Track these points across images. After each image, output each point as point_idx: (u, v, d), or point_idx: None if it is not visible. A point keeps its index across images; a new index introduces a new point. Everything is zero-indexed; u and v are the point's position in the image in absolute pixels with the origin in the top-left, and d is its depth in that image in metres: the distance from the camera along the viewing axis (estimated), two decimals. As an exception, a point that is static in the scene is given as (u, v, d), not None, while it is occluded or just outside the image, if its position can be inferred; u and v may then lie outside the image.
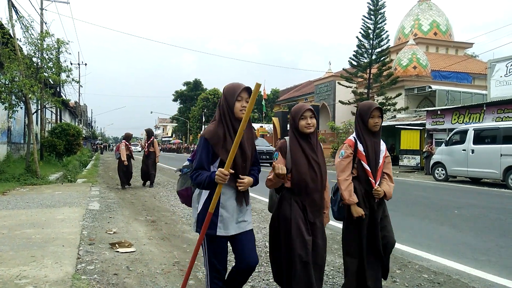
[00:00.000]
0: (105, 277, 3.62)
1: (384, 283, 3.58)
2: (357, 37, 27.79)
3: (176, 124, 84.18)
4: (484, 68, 27.27)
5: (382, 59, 27.21)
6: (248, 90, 2.46)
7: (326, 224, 2.93)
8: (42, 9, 19.13)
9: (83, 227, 5.60)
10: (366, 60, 27.71)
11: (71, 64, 25.21)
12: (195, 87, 74.57)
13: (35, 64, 12.78)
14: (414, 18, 35.57)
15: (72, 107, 40.39)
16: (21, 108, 13.29)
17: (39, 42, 12.60)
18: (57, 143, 18.12)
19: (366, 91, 27.86)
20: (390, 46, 29.27)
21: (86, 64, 38.72)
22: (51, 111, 25.40)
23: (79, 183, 12.12)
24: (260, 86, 2.11)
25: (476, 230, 5.93)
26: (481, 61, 35.15)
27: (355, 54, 28.16)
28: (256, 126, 45.14)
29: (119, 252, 4.43)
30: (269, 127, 42.16)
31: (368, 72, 27.54)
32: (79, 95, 42.22)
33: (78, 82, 16.44)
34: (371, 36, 27.21)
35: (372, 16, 27.06)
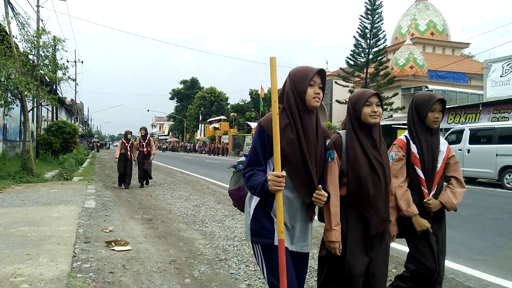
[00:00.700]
0: (101, 275, 3.61)
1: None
2: (354, 36, 27.88)
3: (173, 123, 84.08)
4: (480, 68, 27.39)
5: (379, 58, 27.28)
6: (321, 74, 2.05)
7: (395, 235, 2.57)
8: (38, 6, 19.01)
9: (79, 225, 5.58)
10: (363, 60, 27.79)
11: (68, 61, 25.00)
12: (192, 85, 74.49)
13: (31, 62, 12.70)
14: (411, 18, 35.68)
15: (69, 105, 40.25)
16: (17, 105, 13.23)
17: (36, 39, 12.52)
18: (53, 141, 18.03)
19: (363, 90, 27.87)
20: (387, 45, 29.38)
21: (82, 62, 38.81)
22: (47, 109, 25.29)
23: (75, 181, 12.08)
24: (275, 60, 1.85)
25: (471, 230, 5.96)
26: (477, 61, 35.31)
27: (352, 53, 28.22)
28: (253, 125, 45.18)
29: (115, 250, 4.42)
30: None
31: (365, 71, 27.61)
32: (76, 93, 42.12)
33: (75, 80, 16.33)
34: (368, 35, 27.28)
35: (369, 16, 27.13)
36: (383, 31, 27.35)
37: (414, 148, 2.64)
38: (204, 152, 52.07)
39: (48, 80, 14.27)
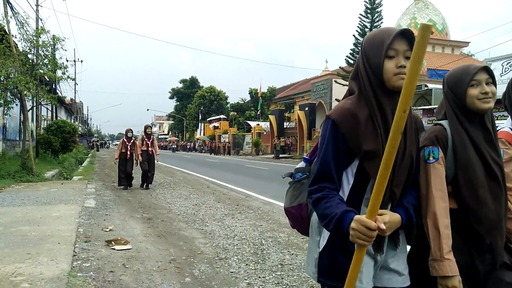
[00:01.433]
0: (101, 274, 3.62)
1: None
2: (354, 35, 27.86)
3: (173, 122, 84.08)
4: (480, 67, 27.36)
5: (378, 57, 27.29)
6: (407, 35, 1.39)
7: None
8: (37, 5, 18.98)
9: (79, 225, 5.58)
10: (363, 59, 27.78)
11: (67, 61, 24.95)
12: (191, 84, 74.45)
13: (30, 61, 12.69)
14: (411, 16, 35.66)
15: (68, 104, 40.21)
16: (16, 105, 13.23)
17: (35, 38, 12.51)
18: (52, 140, 18.01)
19: (362, 89, 27.93)
20: (386, 44, 29.34)
21: (82, 61, 38.66)
22: (47, 108, 25.27)
23: (75, 180, 12.08)
24: (429, 28, 1.04)
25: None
26: (477, 60, 35.29)
27: (351, 52, 28.21)
28: (252, 124, 45.20)
29: (115, 249, 4.43)
30: (265, 125, 42.18)
31: (365, 70, 27.60)
32: (75, 92, 42.11)
33: (74, 79, 16.31)
34: (368, 34, 27.29)
35: (369, 15, 27.11)
36: (383, 30, 27.39)
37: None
38: (204, 151, 52.08)
39: (47, 79, 14.27)
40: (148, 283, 3.42)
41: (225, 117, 57.94)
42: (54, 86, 21.11)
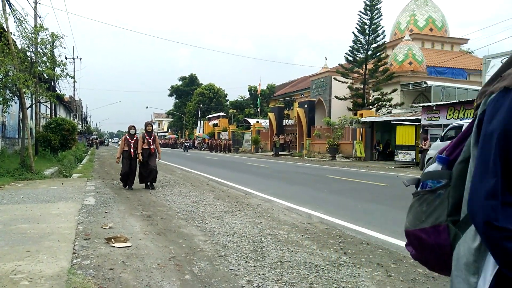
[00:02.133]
0: (100, 272, 3.62)
1: (379, 277, 3.60)
2: (353, 32, 27.82)
3: (172, 119, 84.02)
4: (479, 64, 27.36)
5: (378, 54, 27.26)
6: None
7: None
8: (36, 2, 18.92)
9: (79, 222, 5.58)
10: (362, 56, 27.76)
11: (66, 58, 24.87)
12: (190, 82, 74.38)
13: (29, 58, 12.67)
14: (410, 13, 35.60)
15: (67, 102, 40.14)
16: (15, 102, 13.19)
17: (33, 36, 12.49)
18: (52, 138, 17.99)
19: (362, 86, 27.92)
20: (386, 41, 29.33)
21: (81, 58, 38.41)
22: (46, 106, 25.22)
23: (74, 178, 12.07)
24: None
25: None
26: (476, 57, 35.25)
27: (351, 49, 28.17)
28: (252, 121, 45.18)
29: (114, 247, 4.43)
30: (265, 122, 42.16)
31: (364, 67, 27.57)
32: (74, 90, 42.00)
33: (73, 77, 16.31)
34: (367, 31, 27.23)
35: (368, 12, 27.07)
36: (382, 27, 27.32)
37: None
38: (204, 148, 52.06)
39: (46, 77, 14.26)
40: (148, 280, 3.43)
41: (224, 114, 57.88)
42: (53, 84, 21.08)
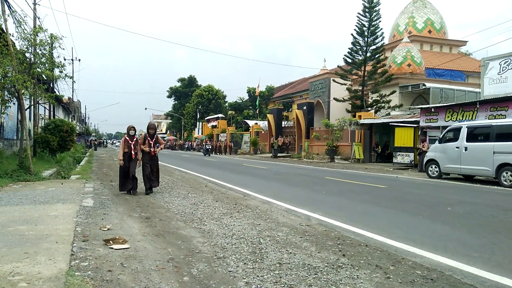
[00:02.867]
0: (99, 273, 3.61)
1: (377, 279, 3.60)
2: (352, 34, 27.89)
3: (171, 121, 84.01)
4: (477, 66, 27.41)
5: (376, 56, 27.32)
6: None
7: None
8: (35, 3, 18.91)
9: (77, 224, 5.57)
10: (361, 58, 27.83)
11: (65, 59, 25.05)
12: (189, 83, 74.39)
13: (28, 60, 12.65)
14: (409, 16, 35.68)
15: (66, 103, 40.10)
16: (14, 103, 13.17)
17: (32, 37, 12.47)
18: (50, 139, 17.96)
19: (360, 88, 27.97)
20: (384, 43, 29.41)
21: (79, 59, 38.43)
22: (44, 107, 25.19)
23: (72, 179, 12.05)
24: None
25: (469, 227, 5.98)
26: (475, 59, 35.34)
27: (349, 51, 28.22)
28: (250, 123, 45.18)
29: (113, 248, 4.42)
30: (264, 124, 42.17)
31: (363, 69, 27.63)
32: (73, 91, 41.99)
33: (72, 78, 16.32)
34: (366, 33, 27.30)
35: (367, 14, 27.15)
36: (381, 29, 27.39)
37: None
38: (202, 150, 51.94)
39: (45, 78, 14.23)
40: (146, 282, 3.42)
41: (223, 116, 57.88)
42: (51, 85, 21.05)
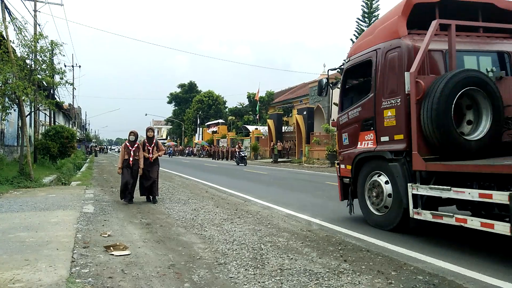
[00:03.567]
0: (99, 280, 3.60)
1: (379, 284, 3.58)
2: (351, 39, 28.02)
3: (171, 126, 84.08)
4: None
5: (376, 61, 27.44)
6: None
7: None
8: (35, 10, 19.02)
9: (77, 230, 5.56)
10: (360, 62, 27.94)
11: (65, 66, 25.09)
12: (190, 89, 74.55)
13: (28, 66, 12.69)
14: (408, 20, 35.86)
15: (66, 110, 40.19)
16: (14, 110, 13.20)
17: (33, 44, 12.52)
18: (51, 145, 17.97)
19: (360, 93, 28.03)
20: (384, 48, 29.50)
21: (80, 66, 38.57)
22: (45, 114, 25.24)
23: (73, 186, 12.04)
24: None
25: (469, 232, 5.95)
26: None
27: (349, 56, 28.34)
28: (251, 128, 45.20)
29: (113, 255, 4.40)
30: (264, 129, 42.18)
31: (363, 74, 27.73)
32: (73, 98, 42.13)
33: (72, 84, 16.38)
34: (365, 38, 27.45)
35: (366, 19, 27.34)
36: (380, 34, 27.57)
37: None
38: (203, 155, 51.99)
39: (45, 84, 14.27)
40: (147, 289, 3.41)
41: (223, 121, 57.95)
42: (52, 92, 21.11)
